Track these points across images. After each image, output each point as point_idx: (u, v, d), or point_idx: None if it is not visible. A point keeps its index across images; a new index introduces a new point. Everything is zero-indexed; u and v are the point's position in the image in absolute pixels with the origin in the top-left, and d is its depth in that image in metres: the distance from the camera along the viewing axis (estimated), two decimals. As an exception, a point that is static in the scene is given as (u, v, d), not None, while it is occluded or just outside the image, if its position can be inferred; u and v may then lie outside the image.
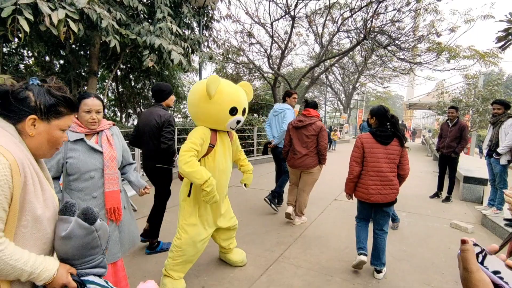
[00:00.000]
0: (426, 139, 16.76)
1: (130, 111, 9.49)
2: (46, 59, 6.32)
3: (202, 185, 2.11)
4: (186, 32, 5.97)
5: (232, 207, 2.77)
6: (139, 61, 5.75)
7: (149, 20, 5.34)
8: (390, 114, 2.63)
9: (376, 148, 2.60)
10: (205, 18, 6.74)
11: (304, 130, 3.74)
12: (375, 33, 9.49)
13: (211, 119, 2.26)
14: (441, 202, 5.15)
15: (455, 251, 3.23)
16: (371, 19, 8.64)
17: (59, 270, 0.99)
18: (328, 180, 6.35)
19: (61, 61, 6.56)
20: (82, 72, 6.38)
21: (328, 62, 13.04)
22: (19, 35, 3.13)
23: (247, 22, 28.84)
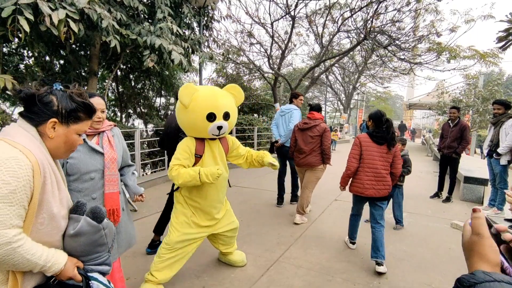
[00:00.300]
0: (426, 139, 16.74)
1: (130, 111, 9.47)
2: (46, 59, 6.30)
3: (204, 180, 2.09)
4: (187, 32, 5.97)
5: (232, 207, 2.76)
6: (140, 61, 5.76)
7: (150, 20, 5.34)
8: (385, 118, 2.91)
9: (372, 147, 2.88)
10: (205, 18, 6.74)
11: (309, 131, 3.92)
12: (375, 33, 9.48)
13: (190, 128, 2.24)
14: (441, 202, 5.14)
15: (455, 251, 3.22)
16: (371, 19, 8.64)
17: (67, 264, 1.06)
18: (329, 180, 6.34)
19: (61, 61, 6.55)
20: (82, 72, 6.37)
21: (328, 62, 13.03)
22: (19, 35, 3.12)
23: (247, 22, 28.84)
